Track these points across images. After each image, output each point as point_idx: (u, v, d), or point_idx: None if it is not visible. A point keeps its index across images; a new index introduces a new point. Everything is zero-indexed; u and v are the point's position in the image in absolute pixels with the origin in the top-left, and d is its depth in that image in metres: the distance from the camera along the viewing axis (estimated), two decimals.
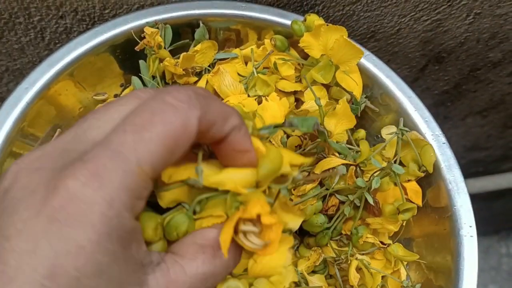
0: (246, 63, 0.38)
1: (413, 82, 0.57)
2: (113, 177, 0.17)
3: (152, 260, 0.19)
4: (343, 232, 0.36)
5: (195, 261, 0.20)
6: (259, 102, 0.36)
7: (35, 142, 0.34)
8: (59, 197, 0.16)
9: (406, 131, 0.36)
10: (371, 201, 0.34)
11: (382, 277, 0.35)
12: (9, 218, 0.17)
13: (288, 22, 0.37)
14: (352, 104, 0.37)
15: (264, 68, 0.38)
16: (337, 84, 0.36)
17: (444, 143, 0.35)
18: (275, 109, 0.34)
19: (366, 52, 0.37)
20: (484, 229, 1.40)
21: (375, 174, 0.35)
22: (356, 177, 0.35)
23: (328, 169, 0.35)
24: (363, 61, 0.37)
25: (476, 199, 1.16)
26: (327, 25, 0.34)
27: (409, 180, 0.36)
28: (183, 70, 0.36)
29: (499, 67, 0.57)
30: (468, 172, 0.97)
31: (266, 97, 0.36)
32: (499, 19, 0.47)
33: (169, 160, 0.18)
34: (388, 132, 0.38)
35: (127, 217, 0.17)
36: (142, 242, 0.19)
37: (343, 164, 0.35)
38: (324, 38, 0.34)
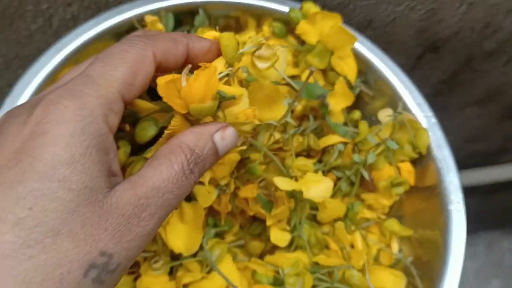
0: None
1: (410, 71, 0.58)
2: (84, 89, 0.20)
3: (119, 176, 0.22)
4: None
5: (151, 167, 0.22)
6: None
7: None
8: (40, 107, 0.20)
9: (401, 113, 0.37)
10: (366, 176, 0.35)
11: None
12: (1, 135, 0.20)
13: (287, 10, 0.38)
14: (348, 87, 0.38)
15: None
16: (333, 69, 0.37)
17: (434, 124, 0.37)
18: None
19: (361, 38, 0.38)
20: (487, 223, 1.40)
21: (370, 150, 0.37)
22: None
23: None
24: (358, 46, 0.38)
25: (477, 192, 1.16)
26: (323, 12, 0.35)
27: (403, 161, 0.38)
28: None
29: (494, 57, 0.58)
30: (468, 164, 0.98)
31: None
32: (491, 9, 0.49)
33: (133, 83, 0.22)
34: (384, 114, 0.39)
35: (100, 120, 0.20)
36: (116, 161, 0.22)
37: (341, 143, 0.37)
38: (319, 25, 0.36)
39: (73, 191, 0.18)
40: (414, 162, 0.37)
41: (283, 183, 0.30)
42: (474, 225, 1.46)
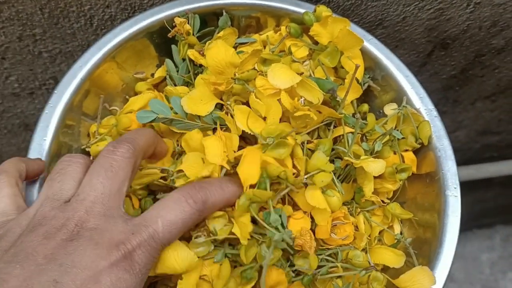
0: (264, 47, 0.43)
1: (421, 66, 0.62)
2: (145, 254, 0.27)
3: None
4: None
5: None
6: None
7: (85, 116, 0.40)
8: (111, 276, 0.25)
9: (406, 107, 0.41)
10: None
11: (380, 231, 0.41)
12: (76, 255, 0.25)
13: (302, 11, 0.42)
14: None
15: (280, 51, 0.43)
16: (343, 67, 0.41)
17: (436, 117, 0.40)
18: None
19: (370, 37, 0.42)
20: (504, 217, 1.42)
21: (377, 140, 0.40)
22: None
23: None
24: (367, 45, 0.42)
25: (494, 185, 1.17)
26: (333, 15, 0.39)
27: (406, 150, 0.42)
28: None
29: (503, 53, 0.61)
30: (483, 157, 1.00)
31: None
32: (498, 8, 0.52)
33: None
34: (390, 108, 0.43)
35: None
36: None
37: (351, 132, 0.40)
38: (330, 28, 0.39)
39: None
40: (416, 151, 0.41)
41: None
42: (491, 219, 1.48)
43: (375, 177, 0.41)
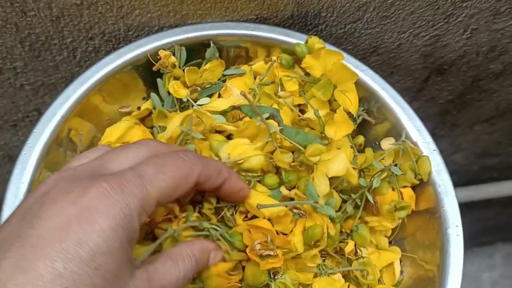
0: (255, 78, 0.42)
1: (417, 92, 0.60)
2: (133, 189, 0.24)
3: (136, 262, 0.26)
4: (343, 230, 0.40)
5: (165, 266, 0.27)
6: None
7: (70, 150, 0.38)
8: (91, 194, 0.23)
9: (404, 141, 0.39)
10: (371, 199, 0.37)
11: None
12: (48, 206, 0.23)
13: (294, 41, 0.40)
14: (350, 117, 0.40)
15: (272, 82, 0.41)
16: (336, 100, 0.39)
17: (434, 150, 0.38)
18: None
19: (364, 67, 0.40)
20: (504, 235, 1.40)
21: (375, 175, 0.38)
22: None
23: None
24: (361, 75, 0.40)
25: (495, 204, 1.15)
26: (326, 47, 0.38)
27: (405, 186, 0.40)
28: (192, 86, 0.40)
29: (502, 78, 0.60)
30: (482, 178, 0.98)
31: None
32: (496, 34, 0.50)
33: (171, 195, 0.26)
34: (387, 143, 0.41)
35: (135, 220, 0.24)
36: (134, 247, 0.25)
37: None
38: (323, 60, 0.38)
39: (104, 279, 0.22)
40: (414, 185, 0.39)
41: None
42: (492, 237, 1.46)
43: (373, 215, 0.39)
